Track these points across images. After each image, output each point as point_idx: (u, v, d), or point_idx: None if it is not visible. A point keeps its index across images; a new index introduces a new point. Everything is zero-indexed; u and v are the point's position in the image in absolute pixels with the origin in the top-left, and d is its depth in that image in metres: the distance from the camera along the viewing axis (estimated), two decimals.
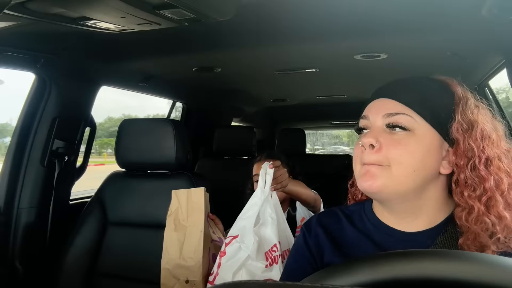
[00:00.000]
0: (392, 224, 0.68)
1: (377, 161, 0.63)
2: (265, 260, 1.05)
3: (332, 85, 2.61)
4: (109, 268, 1.48)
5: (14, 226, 1.54)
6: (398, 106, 0.66)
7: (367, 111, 0.70)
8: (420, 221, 0.66)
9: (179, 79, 2.22)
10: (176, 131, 1.53)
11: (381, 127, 0.66)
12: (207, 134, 2.81)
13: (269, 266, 1.04)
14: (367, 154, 0.64)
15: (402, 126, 0.64)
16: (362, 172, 0.65)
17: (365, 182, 0.64)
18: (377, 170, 0.63)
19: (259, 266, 1.04)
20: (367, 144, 0.64)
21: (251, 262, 1.05)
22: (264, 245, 1.07)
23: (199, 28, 1.20)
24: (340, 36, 1.42)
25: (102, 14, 0.97)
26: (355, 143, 0.71)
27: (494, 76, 1.82)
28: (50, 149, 1.59)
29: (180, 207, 1.25)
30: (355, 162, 0.68)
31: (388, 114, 0.66)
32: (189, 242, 1.19)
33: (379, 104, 0.68)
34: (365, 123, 0.69)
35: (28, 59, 1.38)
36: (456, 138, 0.64)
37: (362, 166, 0.65)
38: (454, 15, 1.17)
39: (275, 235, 1.08)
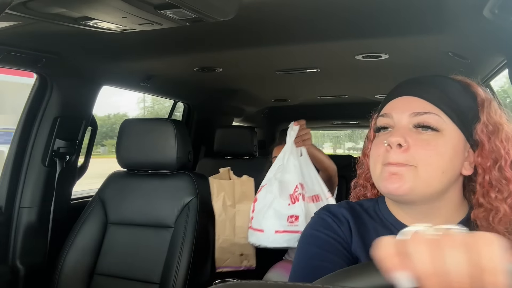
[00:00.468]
0: (410, 224, 0.65)
1: (405, 160, 0.61)
2: (289, 199, 1.24)
3: (333, 85, 2.61)
4: (110, 267, 1.49)
5: (15, 225, 1.55)
6: (425, 105, 0.64)
7: (390, 109, 0.67)
8: (437, 222, 0.64)
9: (180, 79, 2.22)
10: (177, 131, 1.53)
11: (407, 126, 0.63)
12: (208, 134, 2.82)
13: (291, 204, 1.24)
14: (393, 154, 0.61)
15: (431, 126, 0.62)
16: (386, 174, 0.62)
17: (391, 184, 0.61)
18: (404, 172, 0.60)
19: (283, 205, 1.24)
20: (395, 143, 0.61)
21: (276, 202, 1.25)
22: (288, 187, 1.26)
23: (201, 28, 1.20)
24: (341, 36, 1.42)
25: (104, 14, 0.98)
26: (373, 143, 0.68)
27: (495, 77, 1.82)
28: (51, 149, 1.59)
29: (226, 193, 1.43)
30: (375, 162, 0.65)
31: (415, 113, 0.63)
32: (240, 225, 1.40)
33: (404, 102, 0.66)
34: (386, 121, 0.66)
35: (29, 58, 1.39)
36: (481, 140, 0.63)
37: (385, 166, 0.63)
38: (456, 15, 1.17)
39: (297, 179, 1.26)
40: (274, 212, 1.26)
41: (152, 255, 1.45)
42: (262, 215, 1.28)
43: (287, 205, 1.25)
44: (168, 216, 1.48)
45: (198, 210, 1.45)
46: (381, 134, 0.67)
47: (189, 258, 1.37)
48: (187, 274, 1.36)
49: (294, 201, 1.25)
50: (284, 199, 1.26)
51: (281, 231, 1.25)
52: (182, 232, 1.42)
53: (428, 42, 1.47)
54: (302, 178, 1.29)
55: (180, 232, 1.42)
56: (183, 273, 1.35)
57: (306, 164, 1.34)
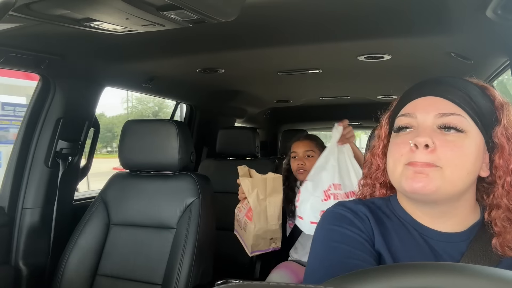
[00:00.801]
0: (426, 223, 0.66)
1: (432, 161, 0.60)
2: (323, 195, 1.40)
3: (336, 86, 2.60)
4: (112, 268, 1.49)
5: (18, 226, 1.55)
6: (450, 106, 0.64)
7: (412, 109, 0.66)
8: (453, 222, 0.65)
9: (183, 80, 2.22)
10: (180, 132, 1.53)
11: (431, 126, 0.63)
12: (210, 135, 2.82)
13: (324, 201, 1.39)
14: (420, 154, 0.61)
15: (457, 127, 0.62)
16: (410, 172, 0.61)
17: (417, 183, 0.60)
18: (430, 171, 0.60)
19: (317, 200, 1.40)
20: (422, 143, 0.60)
21: (312, 197, 1.43)
22: (324, 184, 1.41)
23: (203, 29, 1.20)
24: (343, 37, 1.42)
25: (106, 15, 0.98)
26: (392, 142, 0.67)
27: (498, 77, 1.81)
28: (54, 150, 1.60)
29: (259, 188, 1.63)
30: (396, 161, 0.64)
31: (441, 114, 0.63)
32: (271, 214, 1.62)
33: (428, 102, 0.65)
34: (409, 121, 0.65)
35: (32, 60, 1.39)
36: (501, 142, 0.64)
37: (407, 166, 0.62)
38: (458, 15, 1.17)
39: (331, 179, 1.41)
40: (310, 205, 1.45)
41: (155, 256, 1.45)
42: (303, 205, 1.48)
43: (321, 201, 1.41)
44: (171, 217, 1.48)
45: (200, 211, 1.45)
46: (402, 134, 0.66)
47: (192, 259, 1.37)
48: (189, 275, 1.35)
49: (327, 199, 1.40)
50: (318, 195, 1.42)
51: (315, 223, 1.38)
52: (184, 233, 1.42)
53: (431, 43, 1.46)
54: (339, 178, 1.43)
55: (183, 233, 1.42)
56: (185, 274, 1.35)
57: (347, 162, 1.46)
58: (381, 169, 0.75)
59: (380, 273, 0.36)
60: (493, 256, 0.61)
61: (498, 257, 0.62)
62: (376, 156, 0.76)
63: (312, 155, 1.89)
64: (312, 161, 1.80)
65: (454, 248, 0.64)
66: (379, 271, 0.36)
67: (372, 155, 0.77)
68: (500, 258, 0.62)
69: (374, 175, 0.76)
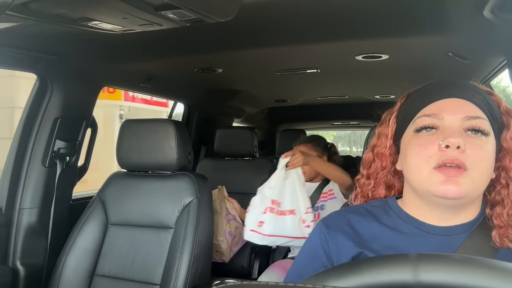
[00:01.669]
0: (423, 219, 0.67)
1: (464, 160, 0.60)
2: (263, 209, 1.65)
3: (333, 86, 2.61)
4: (110, 268, 1.48)
5: (16, 226, 1.55)
6: (475, 109, 0.65)
7: (438, 110, 0.65)
8: (458, 220, 0.66)
9: (181, 80, 2.22)
10: (178, 132, 1.53)
11: (458, 128, 0.63)
12: (208, 135, 2.82)
13: (263, 213, 1.65)
14: (451, 153, 0.61)
15: (483, 130, 0.63)
16: (441, 178, 0.61)
17: (449, 190, 0.60)
18: (460, 177, 0.60)
19: (259, 212, 1.66)
20: (456, 144, 0.60)
21: (255, 209, 1.68)
22: (267, 200, 1.67)
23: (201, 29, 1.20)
24: (341, 37, 1.42)
25: (104, 15, 0.98)
26: (413, 143, 0.66)
27: (495, 77, 1.82)
28: (51, 150, 1.59)
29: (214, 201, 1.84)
30: (422, 163, 0.63)
31: (469, 116, 0.63)
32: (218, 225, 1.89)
33: (455, 104, 0.65)
34: (433, 121, 0.65)
35: (30, 59, 1.39)
36: (508, 146, 0.66)
37: (436, 171, 0.62)
38: (456, 15, 1.17)
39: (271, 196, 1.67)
40: (253, 215, 1.69)
41: (153, 256, 1.45)
42: (248, 215, 1.71)
43: (260, 213, 1.66)
44: (169, 217, 1.48)
45: (198, 211, 1.44)
46: (425, 134, 0.65)
47: (190, 259, 1.37)
48: (187, 275, 1.35)
49: (265, 212, 1.66)
50: (260, 208, 1.67)
51: (253, 230, 1.68)
52: (182, 233, 1.41)
53: (429, 42, 1.47)
54: (278, 196, 1.68)
55: (181, 233, 1.42)
56: (183, 274, 1.35)
57: (295, 184, 1.70)
58: (387, 169, 0.75)
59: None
60: (490, 248, 0.63)
61: (496, 249, 0.63)
62: (381, 156, 0.75)
63: None
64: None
65: (451, 241, 0.64)
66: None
67: (376, 155, 0.76)
68: (497, 250, 0.63)
69: (379, 175, 0.76)
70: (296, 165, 1.72)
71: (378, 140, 0.76)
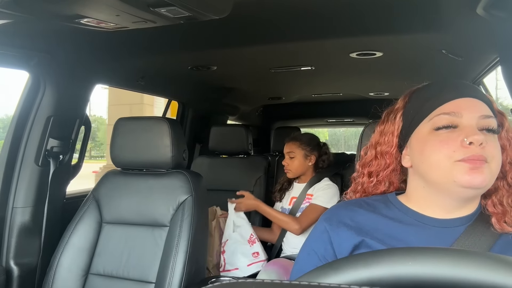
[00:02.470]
0: (426, 213, 0.70)
1: (486, 154, 0.65)
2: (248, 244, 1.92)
3: (328, 83, 2.61)
4: (105, 267, 1.48)
5: (9, 226, 1.53)
6: (487, 109, 0.70)
7: (456, 108, 0.69)
8: (459, 212, 0.70)
9: (175, 77, 2.21)
10: (172, 130, 1.52)
11: (475, 126, 0.67)
12: (203, 132, 2.81)
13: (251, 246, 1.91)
14: (476, 149, 0.65)
15: (495, 129, 0.68)
16: (466, 167, 0.64)
17: (475, 178, 0.64)
18: (484, 167, 0.65)
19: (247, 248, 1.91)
20: (480, 141, 0.64)
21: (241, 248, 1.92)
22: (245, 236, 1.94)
23: (195, 26, 1.20)
24: (335, 34, 1.43)
25: (97, 12, 0.97)
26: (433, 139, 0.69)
27: (488, 74, 1.83)
28: (44, 148, 1.58)
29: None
30: (445, 158, 0.66)
31: (484, 116, 0.68)
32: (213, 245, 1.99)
33: (471, 104, 0.69)
34: (452, 120, 0.68)
35: (21, 57, 1.37)
36: (503, 143, 0.71)
37: (460, 162, 0.65)
38: (449, 13, 1.18)
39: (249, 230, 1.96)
40: (242, 255, 1.89)
41: (148, 254, 1.44)
42: (233, 258, 1.90)
43: (249, 247, 1.90)
44: (163, 215, 1.47)
45: (193, 209, 1.44)
46: (445, 132, 0.68)
47: (185, 257, 1.37)
48: (183, 273, 1.35)
49: (252, 244, 1.91)
50: (245, 244, 1.90)
51: (251, 263, 1.88)
52: (177, 231, 1.41)
53: (422, 40, 1.47)
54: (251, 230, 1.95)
55: (176, 231, 1.42)
56: (179, 272, 1.35)
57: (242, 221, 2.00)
58: (391, 167, 0.77)
59: None
60: (488, 237, 0.66)
61: (494, 237, 0.66)
62: (386, 154, 0.76)
63: (293, 156, 2.05)
64: (295, 161, 2.05)
65: (450, 232, 0.68)
66: None
67: (380, 153, 0.77)
68: (495, 237, 0.66)
69: (383, 172, 0.77)
70: (242, 208, 1.98)
71: (381, 138, 0.78)
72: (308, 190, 2.00)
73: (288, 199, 2.08)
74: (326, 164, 2.06)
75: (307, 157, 2.03)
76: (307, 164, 2.03)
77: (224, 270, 1.92)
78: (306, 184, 2.02)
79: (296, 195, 2.04)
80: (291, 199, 2.06)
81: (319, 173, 2.04)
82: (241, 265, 1.88)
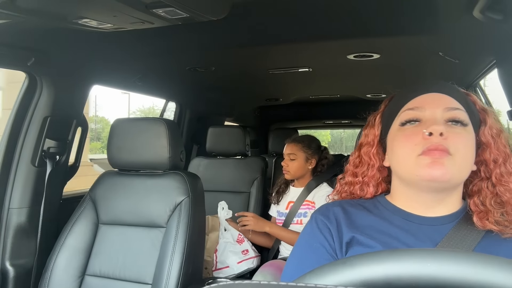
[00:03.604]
0: (411, 210, 0.71)
1: (447, 146, 0.65)
2: (237, 244, 2.00)
3: (325, 85, 2.62)
4: (101, 268, 1.47)
5: (5, 226, 1.53)
6: (454, 102, 0.70)
7: (420, 103, 0.71)
8: (443, 210, 0.71)
9: (172, 78, 2.21)
10: (169, 131, 1.52)
11: (440, 119, 0.68)
12: (200, 134, 2.81)
13: (240, 244, 1.99)
14: (435, 139, 0.65)
15: (461, 121, 0.68)
16: (427, 161, 0.65)
17: (436, 170, 0.64)
18: (445, 160, 0.64)
19: (236, 247, 1.98)
20: (439, 131, 0.65)
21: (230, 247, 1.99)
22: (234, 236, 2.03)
23: (192, 27, 1.20)
24: (333, 36, 1.43)
25: (94, 13, 0.97)
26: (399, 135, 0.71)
27: (484, 76, 1.84)
28: (41, 149, 1.57)
29: (208, 226, 2.04)
30: (409, 152, 0.67)
31: (449, 108, 0.69)
32: (209, 248, 1.99)
33: (435, 98, 0.71)
34: (416, 114, 0.70)
35: (18, 57, 1.37)
36: (487, 140, 0.71)
37: (423, 156, 0.65)
38: (446, 16, 1.19)
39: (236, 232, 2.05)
40: (231, 253, 1.94)
41: (144, 255, 1.44)
42: (224, 257, 1.95)
43: (239, 246, 1.97)
44: (160, 216, 1.47)
45: (190, 210, 1.44)
46: (410, 126, 0.70)
47: (182, 258, 1.37)
48: (179, 274, 1.35)
49: (240, 243, 1.99)
50: (234, 244, 1.98)
51: (241, 261, 1.93)
52: (174, 232, 1.41)
53: (419, 42, 1.48)
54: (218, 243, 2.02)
55: (172, 232, 1.41)
56: (175, 273, 1.35)
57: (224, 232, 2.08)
58: (376, 167, 0.78)
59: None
60: (474, 235, 0.66)
61: (480, 235, 0.66)
62: (369, 154, 0.79)
63: (294, 158, 2.02)
64: (295, 163, 2.02)
65: (437, 230, 0.68)
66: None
67: (364, 154, 0.80)
68: (481, 235, 0.66)
69: (368, 173, 0.79)
70: (247, 227, 1.96)
71: (365, 139, 0.81)
72: (307, 195, 1.98)
73: (285, 203, 2.07)
74: (325, 168, 2.05)
75: (308, 160, 2.01)
76: (307, 167, 2.02)
77: (216, 269, 1.95)
78: (304, 189, 2.00)
79: (293, 200, 2.02)
80: (288, 203, 2.05)
81: (317, 176, 2.04)
82: (232, 263, 1.93)
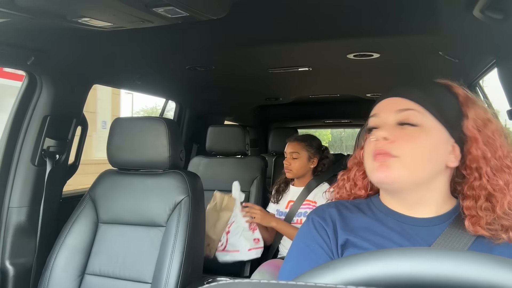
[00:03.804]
0: (402, 211, 0.72)
1: (389, 149, 0.68)
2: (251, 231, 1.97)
3: (325, 84, 2.62)
4: (101, 267, 1.47)
5: (5, 225, 1.53)
6: (408, 103, 0.71)
7: (377, 110, 0.74)
8: (430, 210, 0.71)
9: (172, 78, 2.21)
10: (169, 130, 1.52)
11: (392, 123, 0.71)
12: (200, 133, 2.81)
13: (252, 232, 1.96)
14: (380, 144, 0.69)
15: (411, 122, 0.69)
16: (376, 165, 0.69)
17: (381, 173, 0.68)
18: (390, 163, 0.67)
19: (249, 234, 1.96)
20: (381, 136, 0.69)
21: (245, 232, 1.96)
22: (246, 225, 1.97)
23: (193, 26, 1.20)
24: (333, 35, 1.43)
25: (94, 11, 0.97)
26: (366, 142, 0.74)
27: (484, 76, 1.84)
28: (41, 148, 1.57)
29: (216, 203, 2.05)
30: (367, 157, 0.72)
31: (399, 110, 0.71)
32: (219, 226, 2.00)
33: (389, 102, 0.74)
34: (375, 121, 0.74)
35: (18, 56, 1.36)
36: (473, 134, 0.69)
37: (373, 161, 0.69)
38: (446, 15, 1.19)
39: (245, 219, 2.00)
40: (244, 238, 1.92)
41: (144, 254, 1.44)
42: (236, 241, 1.93)
43: (251, 233, 1.95)
44: (160, 215, 1.47)
45: (190, 209, 1.44)
46: (372, 132, 0.74)
47: (181, 257, 1.37)
48: (179, 273, 1.35)
49: (253, 231, 1.95)
50: (248, 230, 1.94)
51: (252, 249, 1.92)
52: (174, 231, 1.41)
53: (419, 41, 1.48)
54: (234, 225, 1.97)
55: (172, 231, 1.41)
56: (175, 272, 1.35)
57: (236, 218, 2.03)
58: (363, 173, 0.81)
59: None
60: (466, 238, 0.67)
61: (471, 238, 0.66)
62: (359, 155, 0.82)
63: (297, 157, 2.01)
64: (298, 162, 2.01)
65: (430, 232, 0.69)
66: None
67: (354, 163, 0.84)
68: (472, 238, 0.66)
69: (356, 176, 0.82)
70: (251, 219, 1.93)
71: (358, 149, 0.85)
72: (307, 195, 1.98)
73: (285, 203, 2.06)
74: (326, 168, 2.05)
75: (310, 159, 2.01)
76: (309, 166, 2.01)
77: (225, 249, 1.95)
78: (304, 188, 2.00)
79: (293, 199, 2.03)
80: (288, 202, 2.05)
81: (317, 176, 2.04)
82: (243, 249, 1.92)
